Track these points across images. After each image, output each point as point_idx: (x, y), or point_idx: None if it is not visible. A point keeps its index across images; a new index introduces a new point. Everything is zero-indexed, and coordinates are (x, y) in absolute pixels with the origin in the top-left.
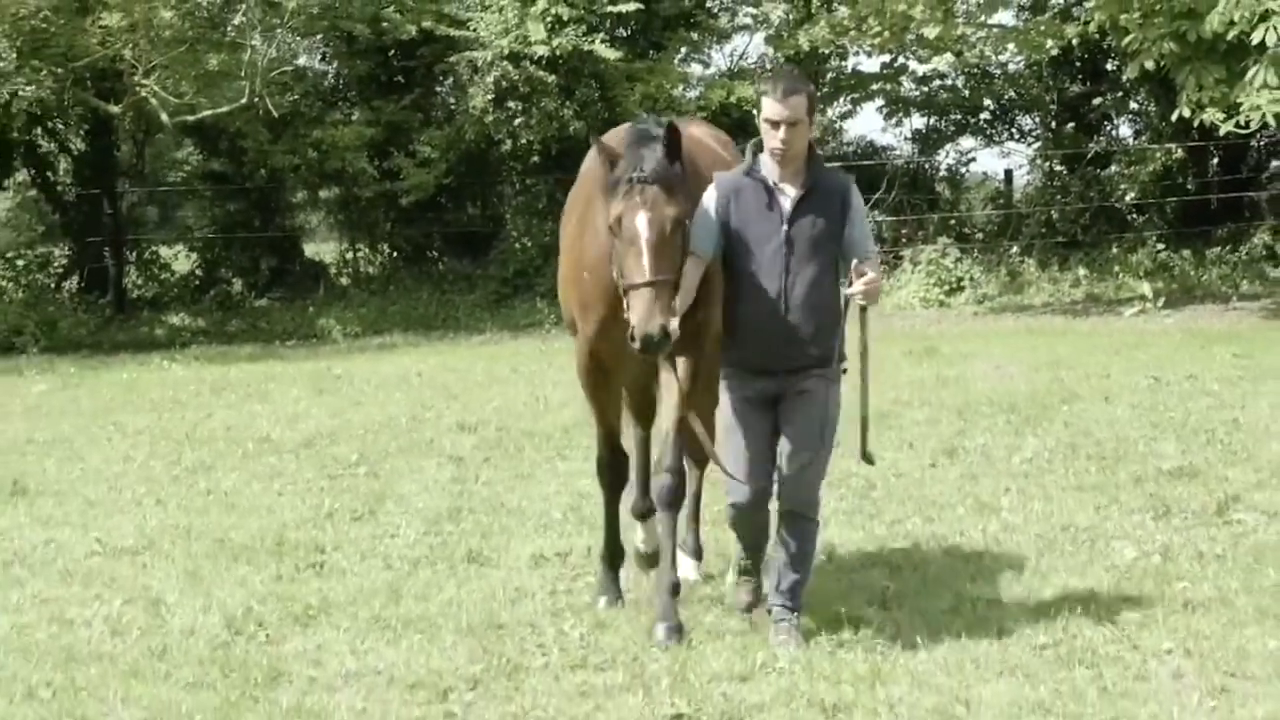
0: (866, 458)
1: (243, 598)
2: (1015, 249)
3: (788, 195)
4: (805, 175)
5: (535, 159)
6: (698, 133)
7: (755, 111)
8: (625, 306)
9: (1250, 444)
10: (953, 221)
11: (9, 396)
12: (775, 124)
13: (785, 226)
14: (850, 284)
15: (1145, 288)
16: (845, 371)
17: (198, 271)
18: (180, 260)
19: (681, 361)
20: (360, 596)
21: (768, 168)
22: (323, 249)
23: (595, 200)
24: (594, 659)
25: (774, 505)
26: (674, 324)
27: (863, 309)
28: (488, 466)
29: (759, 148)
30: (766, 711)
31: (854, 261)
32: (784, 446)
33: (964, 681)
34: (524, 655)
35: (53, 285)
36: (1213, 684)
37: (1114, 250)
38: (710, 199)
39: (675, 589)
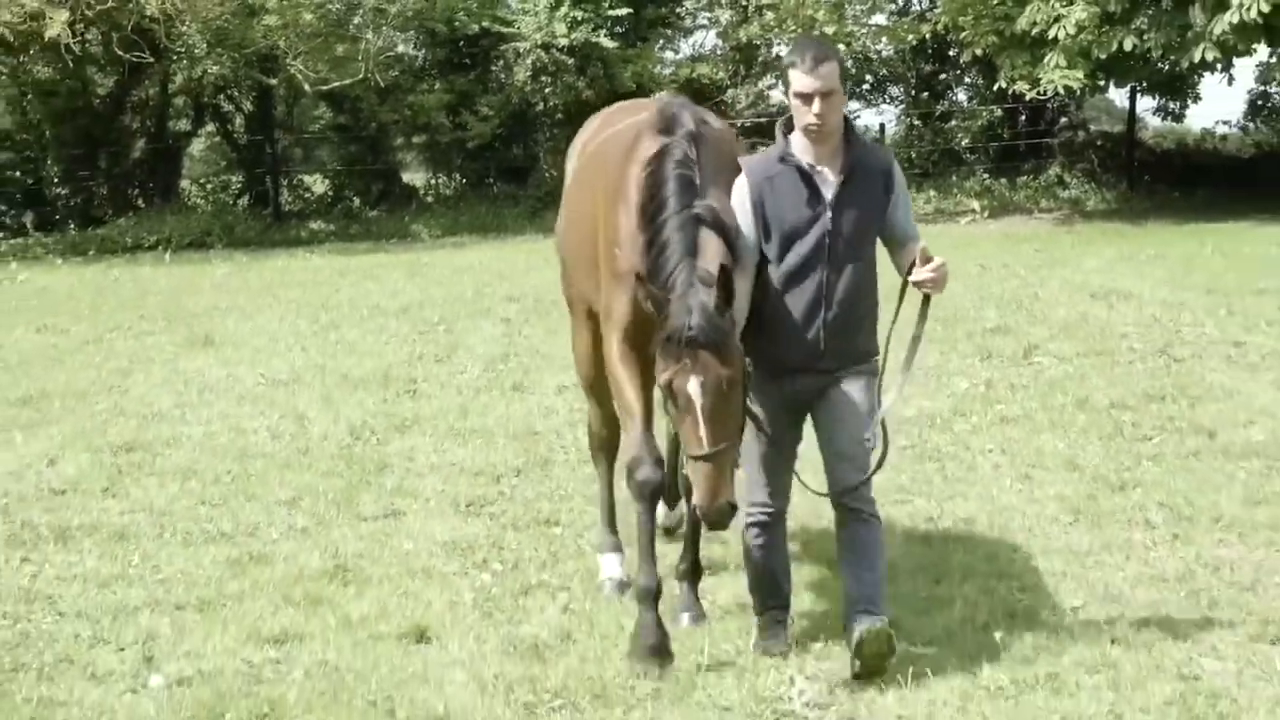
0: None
1: (360, 414)
2: None
3: (828, 180)
4: (844, 155)
5: (559, 116)
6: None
7: (781, 89)
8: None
9: (1046, 310)
10: None
11: (201, 278)
12: (807, 97)
13: (829, 214)
14: (912, 270)
15: (975, 204)
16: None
17: (329, 193)
18: (317, 185)
19: None
20: (440, 413)
21: (801, 149)
22: (414, 177)
23: (621, 173)
24: None
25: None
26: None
27: (926, 297)
28: (527, 325)
29: (788, 127)
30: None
31: (921, 245)
32: (829, 440)
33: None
34: (552, 453)
35: (231, 201)
36: (1020, 473)
37: (954, 179)
38: (742, 192)
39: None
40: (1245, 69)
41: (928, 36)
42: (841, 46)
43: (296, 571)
